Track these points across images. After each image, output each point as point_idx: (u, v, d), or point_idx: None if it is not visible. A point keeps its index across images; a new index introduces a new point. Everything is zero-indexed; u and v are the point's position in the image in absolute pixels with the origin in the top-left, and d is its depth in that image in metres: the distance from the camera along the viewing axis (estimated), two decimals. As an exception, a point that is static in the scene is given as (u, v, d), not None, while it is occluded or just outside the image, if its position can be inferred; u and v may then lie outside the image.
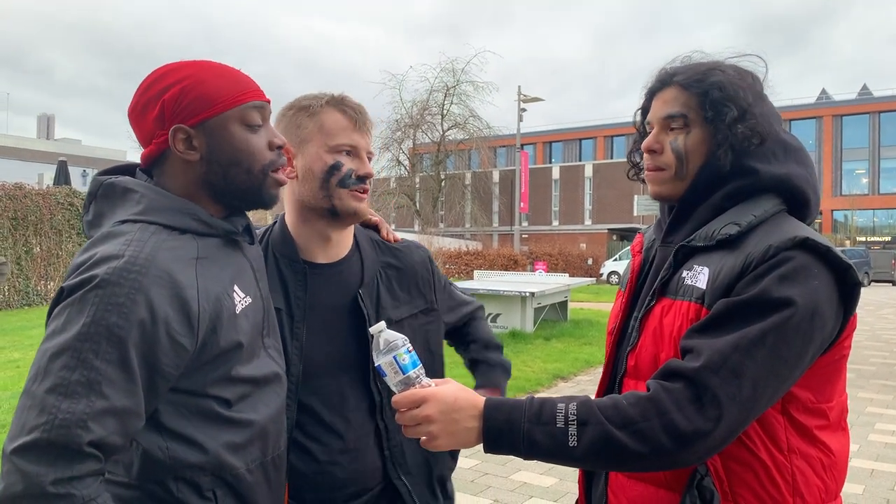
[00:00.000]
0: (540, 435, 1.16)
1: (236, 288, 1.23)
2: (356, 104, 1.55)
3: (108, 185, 1.23)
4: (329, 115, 1.52)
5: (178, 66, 1.25)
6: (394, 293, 1.61)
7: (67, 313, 1.05)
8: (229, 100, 1.23)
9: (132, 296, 1.05)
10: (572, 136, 61.06)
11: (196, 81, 1.21)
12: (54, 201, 15.17)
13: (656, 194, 1.38)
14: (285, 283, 1.52)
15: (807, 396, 1.21)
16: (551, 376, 8.12)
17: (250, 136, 1.25)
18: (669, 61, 1.40)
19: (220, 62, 1.29)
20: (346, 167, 1.50)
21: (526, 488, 4.56)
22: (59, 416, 0.99)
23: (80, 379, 1.01)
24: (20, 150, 46.03)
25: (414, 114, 37.47)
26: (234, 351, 1.19)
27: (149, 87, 1.23)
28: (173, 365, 1.10)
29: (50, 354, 1.02)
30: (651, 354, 1.28)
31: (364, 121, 1.53)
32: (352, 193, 1.51)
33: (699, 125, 1.31)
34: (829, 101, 52.88)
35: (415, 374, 1.22)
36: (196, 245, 1.19)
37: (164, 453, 1.13)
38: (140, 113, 1.23)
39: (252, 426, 1.22)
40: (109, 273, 1.05)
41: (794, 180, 1.29)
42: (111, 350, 1.03)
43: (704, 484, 1.19)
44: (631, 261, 1.50)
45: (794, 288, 1.13)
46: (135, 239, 1.11)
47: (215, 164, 1.23)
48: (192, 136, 1.21)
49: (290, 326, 1.50)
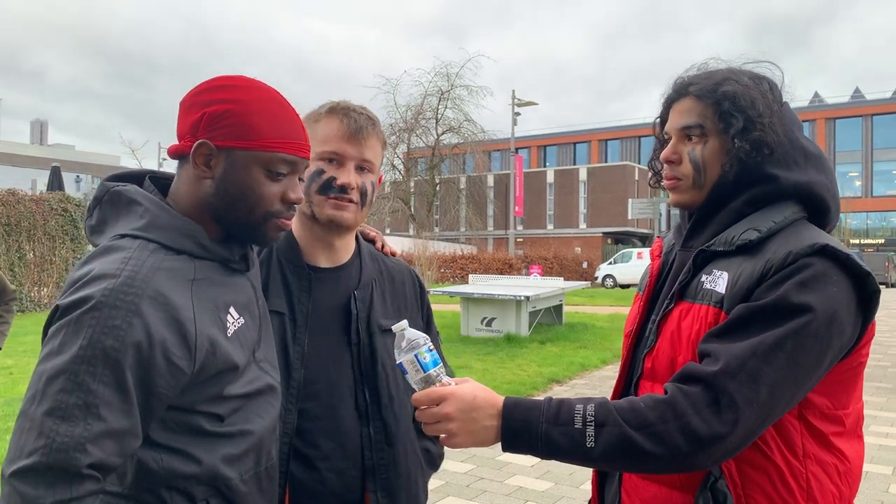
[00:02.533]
0: (558, 435, 1.17)
1: (231, 310, 1.23)
2: (359, 114, 1.53)
3: (114, 192, 1.22)
4: (326, 123, 1.51)
5: (242, 83, 1.24)
6: (385, 302, 1.62)
7: (63, 335, 1.04)
8: (263, 143, 1.21)
9: (128, 318, 1.04)
10: (567, 139, 61.23)
11: (244, 109, 1.20)
12: (48, 207, 15.10)
13: (676, 203, 1.40)
14: (289, 288, 1.52)
15: (824, 402, 1.21)
16: (547, 380, 8.12)
17: (267, 182, 1.23)
18: (686, 69, 1.40)
19: (286, 99, 1.27)
20: (326, 174, 1.49)
21: (521, 492, 4.55)
22: (58, 440, 0.99)
23: (77, 402, 1.01)
24: (13, 155, 45.89)
25: (408, 118, 37.57)
26: (229, 372, 1.19)
27: (203, 91, 1.23)
28: (169, 387, 1.09)
29: (47, 377, 1.02)
30: (668, 357, 1.29)
31: (361, 130, 1.51)
32: (330, 201, 1.49)
33: (716, 135, 1.31)
34: (821, 104, 53.16)
35: (435, 373, 1.24)
36: (193, 266, 1.18)
37: (159, 464, 1.12)
38: (185, 109, 1.24)
39: (248, 437, 1.21)
40: (106, 295, 1.05)
41: (815, 188, 1.29)
42: (108, 373, 1.03)
43: (718, 486, 1.20)
44: (650, 265, 1.51)
45: (812, 294, 1.14)
46: (132, 257, 1.10)
47: (222, 192, 1.22)
48: (214, 155, 1.21)
49: (293, 332, 1.49)
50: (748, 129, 1.27)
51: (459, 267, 30.91)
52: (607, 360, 9.60)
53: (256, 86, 1.25)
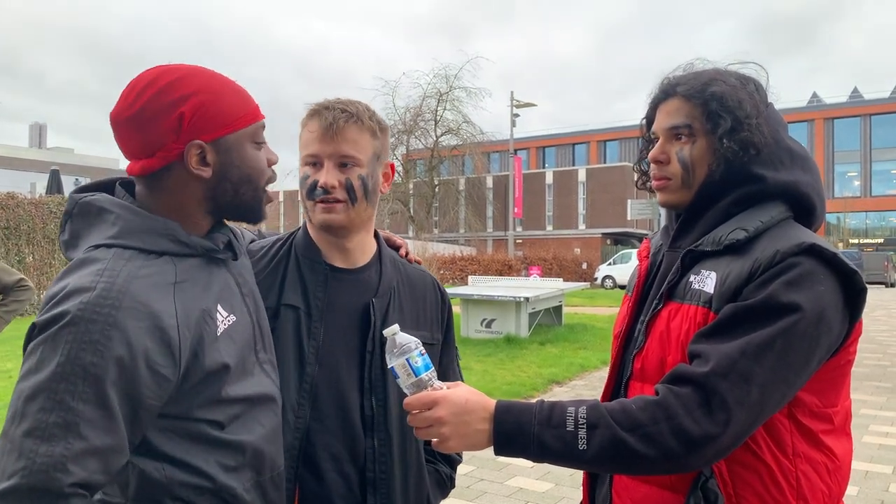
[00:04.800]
0: (550, 438, 1.17)
1: (219, 308, 1.20)
2: (333, 109, 1.46)
3: (83, 203, 1.19)
4: (307, 126, 1.49)
5: (184, 72, 1.19)
6: (403, 311, 1.58)
7: (41, 352, 1.02)
8: (244, 118, 1.22)
9: (107, 332, 1.02)
10: (566, 140, 61.26)
11: (213, 96, 1.18)
12: (47, 210, 15.10)
13: (664, 203, 1.40)
14: (304, 283, 1.50)
15: (813, 401, 1.22)
16: (547, 381, 8.12)
17: (258, 154, 1.26)
18: (672, 70, 1.41)
19: (217, 72, 1.25)
20: (310, 179, 1.47)
21: (521, 494, 4.55)
22: (38, 461, 0.96)
23: (57, 421, 0.98)
24: (12, 159, 45.88)
25: (407, 120, 37.55)
26: (221, 373, 1.16)
27: (159, 93, 1.15)
28: (156, 396, 1.07)
29: (25, 396, 1.00)
30: (658, 357, 1.29)
31: (333, 126, 1.44)
32: (318, 205, 1.47)
33: (703, 135, 1.32)
34: (820, 104, 53.20)
35: (427, 377, 1.24)
36: (174, 268, 1.15)
37: (161, 473, 1.11)
38: (146, 120, 1.15)
39: (244, 448, 1.20)
40: (82, 309, 1.02)
41: (801, 187, 1.30)
42: (87, 389, 1.00)
43: (709, 486, 1.20)
44: (638, 266, 1.51)
45: (800, 293, 1.15)
46: (107, 268, 1.07)
47: (226, 182, 1.21)
48: (207, 151, 1.19)
49: (308, 326, 1.47)
50: (736, 129, 1.28)
51: (459, 268, 30.86)
52: (607, 361, 9.53)
53: (194, 70, 1.21)
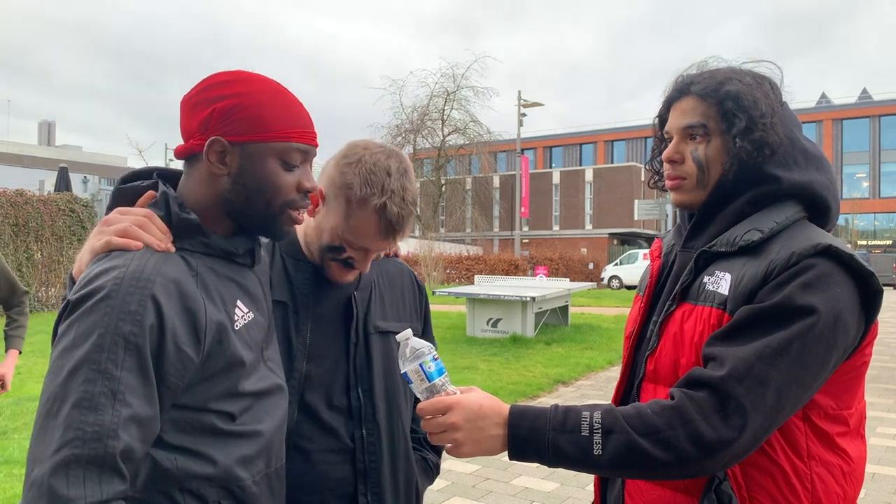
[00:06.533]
0: (565, 443, 1.17)
1: (239, 303, 1.23)
2: (397, 217, 1.46)
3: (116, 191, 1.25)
4: (368, 216, 1.45)
5: (244, 77, 1.23)
6: (384, 303, 1.64)
7: (77, 327, 1.03)
8: (277, 133, 1.21)
9: (143, 302, 1.05)
10: (573, 140, 61.13)
11: (254, 102, 1.19)
12: (55, 208, 15.18)
13: (678, 203, 1.39)
14: (290, 279, 1.53)
15: (828, 403, 1.21)
16: (553, 381, 8.11)
17: (283, 173, 1.23)
18: (686, 68, 1.40)
19: (288, 89, 1.27)
20: (346, 254, 1.49)
21: (527, 493, 4.55)
22: (89, 430, 0.98)
23: (103, 390, 1.00)
24: (22, 156, 46.15)
25: (414, 119, 37.62)
26: (237, 367, 1.18)
27: (207, 88, 1.21)
28: (178, 375, 1.09)
29: (68, 371, 1.01)
30: (671, 359, 1.28)
31: (397, 230, 1.49)
32: (335, 265, 1.51)
33: (718, 134, 1.31)
34: (829, 105, 52.93)
35: (440, 382, 1.23)
36: (199, 261, 1.19)
37: (174, 464, 1.12)
38: (190, 108, 1.22)
39: (260, 437, 1.21)
40: (118, 283, 1.05)
41: (816, 187, 1.29)
42: (129, 358, 1.03)
43: (723, 489, 1.19)
44: (650, 265, 1.50)
45: (816, 295, 1.14)
46: (137, 255, 1.11)
47: (239, 186, 1.21)
48: (228, 151, 1.20)
49: (296, 323, 1.50)
50: (750, 129, 1.26)
51: (465, 268, 30.89)
52: (613, 361, 9.58)
53: (260, 79, 1.24)
